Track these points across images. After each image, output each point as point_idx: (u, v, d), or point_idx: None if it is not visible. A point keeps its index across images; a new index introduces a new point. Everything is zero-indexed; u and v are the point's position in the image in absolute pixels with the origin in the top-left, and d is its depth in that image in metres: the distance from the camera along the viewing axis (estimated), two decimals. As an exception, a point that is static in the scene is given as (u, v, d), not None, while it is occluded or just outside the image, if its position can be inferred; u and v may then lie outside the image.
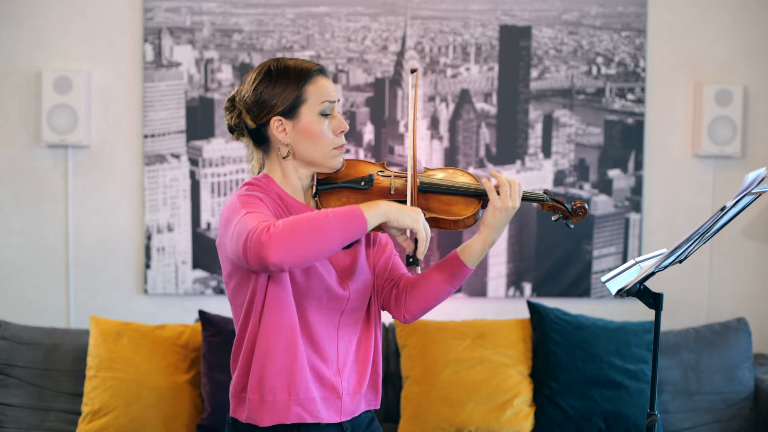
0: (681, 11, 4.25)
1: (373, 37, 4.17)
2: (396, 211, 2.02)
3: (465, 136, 4.21)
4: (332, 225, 1.94)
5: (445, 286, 2.24)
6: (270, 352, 2.12)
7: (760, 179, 2.11)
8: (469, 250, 2.21)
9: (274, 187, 2.19)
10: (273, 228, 1.93)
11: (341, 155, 2.20)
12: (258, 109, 2.16)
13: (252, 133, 2.20)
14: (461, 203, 2.21)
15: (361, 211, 1.98)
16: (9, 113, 4.10)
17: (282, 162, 2.20)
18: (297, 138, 2.16)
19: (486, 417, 3.73)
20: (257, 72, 2.18)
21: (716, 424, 3.86)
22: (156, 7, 4.10)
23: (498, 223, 2.18)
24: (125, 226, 4.15)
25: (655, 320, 2.30)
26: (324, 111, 2.16)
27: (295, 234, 1.92)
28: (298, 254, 1.93)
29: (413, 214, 2.04)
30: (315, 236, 1.93)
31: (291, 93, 2.14)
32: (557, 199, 2.28)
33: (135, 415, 3.63)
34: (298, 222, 1.94)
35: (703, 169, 4.28)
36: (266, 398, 2.12)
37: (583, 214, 2.29)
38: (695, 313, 4.31)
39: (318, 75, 2.17)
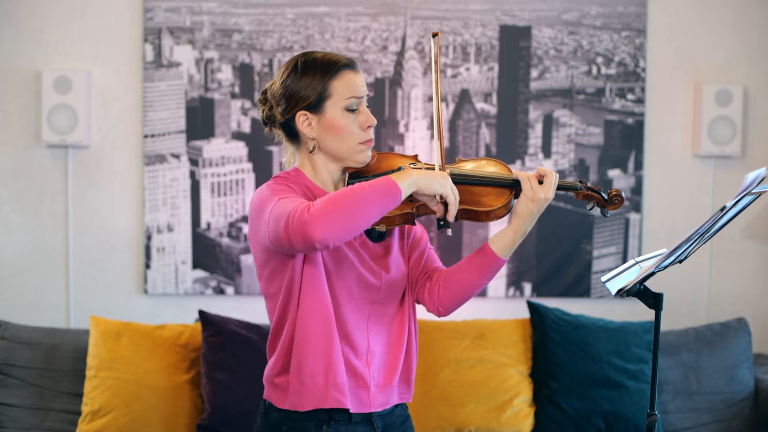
0: (681, 11, 4.25)
1: (373, 37, 4.17)
2: (425, 178, 2.04)
3: (465, 136, 4.21)
4: (370, 196, 1.96)
5: (478, 278, 2.22)
6: (307, 336, 2.13)
7: (760, 179, 2.11)
8: (500, 242, 2.20)
9: (303, 180, 2.20)
10: (313, 207, 1.94)
11: (368, 150, 2.19)
12: (285, 103, 2.17)
13: (283, 126, 2.21)
14: (493, 194, 2.19)
15: (394, 181, 1.99)
16: (9, 113, 4.10)
17: (311, 156, 2.20)
18: (322, 132, 2.16)
19: (486, 417, 3.73)
20: (287, 65, 2.19)
21: (716, 424, 3.86)
22: (156, 7, 4.10)
23: (529, 214, 2.16)
24: (125, 226, 4.15)
25: (655, 320, 2.30)
26: (349, 106, 2.15)
27: (336, 209, 1.94)
28: (341, 228, 1.95)
29: (441, 180, 2.05)
30: (355, 209, 1.94)
31: (316, 88, 2.14)
32: (592, 187, 2.26)
33: (135, 415, 3.63)
34: (336, 197, 1.95)
35: (703, 169, 4.28)
36: (305, 382, 2.14)
37: (619, 203, 2.25)
38: (695, 313, 4.31)
39: (345, 69, 2.16)
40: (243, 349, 3.68)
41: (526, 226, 2.17)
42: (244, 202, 4.15)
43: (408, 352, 2.27)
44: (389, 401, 2.25)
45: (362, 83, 2.18)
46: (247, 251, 4.16)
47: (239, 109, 4.14)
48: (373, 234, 2.22)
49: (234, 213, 4.16)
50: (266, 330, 3.76)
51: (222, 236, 4.16)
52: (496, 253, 2.19)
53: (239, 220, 4.16)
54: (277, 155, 4.15)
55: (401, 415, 2.30)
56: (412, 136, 4.19)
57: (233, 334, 3.69)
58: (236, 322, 3.76)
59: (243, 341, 3.69)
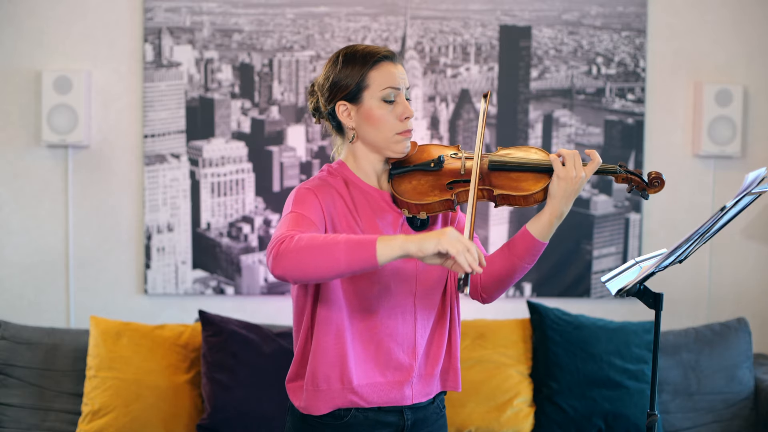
0: (681, 11, 4.25)
1: (373, 37, 4.17)
2: (416, 242, 1.93)
3: (465, 136, 4.21)
4: (341, 252, 1.94)
5: (519, 263, 2.24)
6: (321, 345, 2.16)
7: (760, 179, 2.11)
8: (537, 224, 2.21)
9: (346, 173, 2.23)
10: (289, 241, 1.96)
11: (406, 140, 2.22)
12: (328, 93, 2.22)
13: (328, 117, 2.25)
14: (531, 179, 2.21)
15: (375, 245, 1.94)
16: (9, 113, 4.10)
17: (352, 147, 2.24)
18: (360, 122, 2.20)
19: (486, 417, 3.73)
20: (331, 57, 2.25)
21: (716, 424, 3.86)
22: (156, 7, 4.10)
23: (563, 193, 2.17)
24: (125, 226, 4.15)
25: (655, 320, 2.30)
26: (386, 97, 2.18)
27: (304, 253, 1.95)
28: (300, 272, 1.96)
29: (434, 237, 1.93)
30: (321, 258, 1.94)
31: (354, 78, 2.18)
32: (632, 171, 2.27)
33: (135, 415, 3.63)
34: (313, 241, 1.96)
35: (703, 169, 4.28)
36: (320, 387, 2.17)
37: (659, 185, 2.26)
38: (695, 313, 4.31)
39: (384, 61, 2.19)
40: (243, 349, 3.68)
41: (562, 207, 2.18)
42: (244, 202, 4.15)
43: (451, 340, 2.29)
44: (432, 391, 2.27)
45: (402, 75, 2.21)
46: (247, 251, 4.16)
47: (239, 109, 4.14)
48: (416, 222, 2.25)
49: (234, 213, 4.16)
50: (266, 330, 3.76)
51: (222, 236, 4.16)
52: (534, 235, 2.21)
53: (239, 220, 4.16)
54: (276, 155, 4.15)
55: (436, 412, 2.31)
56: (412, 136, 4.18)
57: (233, 334, 3.69)
58: (236, 322, 3.76)
59: (243, 341, 3.69)
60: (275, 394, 3.60)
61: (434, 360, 2.26)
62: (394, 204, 2.23)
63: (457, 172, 2.23)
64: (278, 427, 3.58)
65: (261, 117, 4.15)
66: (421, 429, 2.27)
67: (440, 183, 2.22)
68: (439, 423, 2.32)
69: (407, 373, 2.21)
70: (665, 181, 2.27)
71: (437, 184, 2.22)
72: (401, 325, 2.21)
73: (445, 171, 2.24)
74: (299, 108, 4.16)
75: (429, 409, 2.28)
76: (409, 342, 2.22)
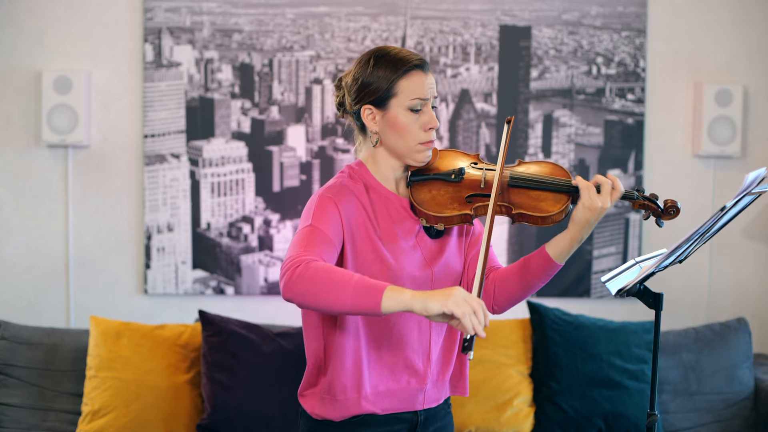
0: (681, 11, 4.25)
1: (373, 37, 4.17)
2: (422, 301, 1.91)
3: (465, 136, 4.21)
4: (348, 293, 1.94)
5: (534, 281, 2.25)
6: (338, 355, 2.17)
7: (760, 179, 2.11)
8: (557, 247, 2.22)
9: (366, 175, 2.23)
10: (302, 267, 1.97)
11: (428, 151, 2.22)
12: (355, 95, 2.21)
13: (353, 115, 2.25)
14: (550, 199, 2.22)
15: (382, 294, 1.92)
16: (9, 113, 4.10)
17: (374, 150, 2.24)
18: (385, 129, 2.20)
19: (486, 417, 3.73)
20: (362, 57, 2.23)
21: (716, 424, 3.86)
22: (156, 7, 4.10)
23: (586, 221, 2.17)
24: (125, 226, 4.15)
25: (655, 320, 2.30)
26: (413, 107, 2.17)
27: (314, 284, 1.95)
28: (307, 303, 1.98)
29: (441, 298, 1.91)
30: (329, 295, 1.95)
31: (383, 85, 2.17)
32: (649, 197, 2.27)
33: (135, 415, 3.63)
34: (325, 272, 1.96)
35: (703, 169, 4.28)
36: (338, 397, 2.18)
37: (675, 213, 2.27)
38: (695, 313, 4.31)
39: (414, 70, 2.18)
40: (243, 349, 3.68)
41: (583, 234, 2.19)
42: (244, 202, 4.15)
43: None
44: (441, 396, 2.30)
45: (431, 85, 2.20)
46: (247, 251, 4.16)
47: (239, 109, 4.14)
48: (432, 231, 2.25)
49: (234, 213, 4.16)
50: (266, 330, 3.76)
51: (222, 236, 4.16)
52: (551, 257, 2.22)
53: (239, 220, 4.16)
54: (277, 155, 4.15)
55: (444, 408, 2.34)
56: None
57: (233, 334, 3.69)
58: (236, 322, 3.76)
59: (243, 341, 3.69)
60: (275, 394, 3.60)
61: (446, 366, 2.29)
62: (411, 211, 2.24)
63: (477, 185, 2.23)
64: (278, 427, 3.58)
65: (261, 117, 4.15)
66: (432, 425, 2.30)
67: (460, 195, 2.22)
68: (447, 419, 2.36)
69: (422, 380, 2.23)
70: (680, 209, 2.27)
71: (457, 196, 2.22)
72: (416, 332, 2.22)
73: (465, 183, 2.24)
74: (299, 108, 4.16)
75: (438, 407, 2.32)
76: (424, 348, 2.23)
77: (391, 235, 2.19)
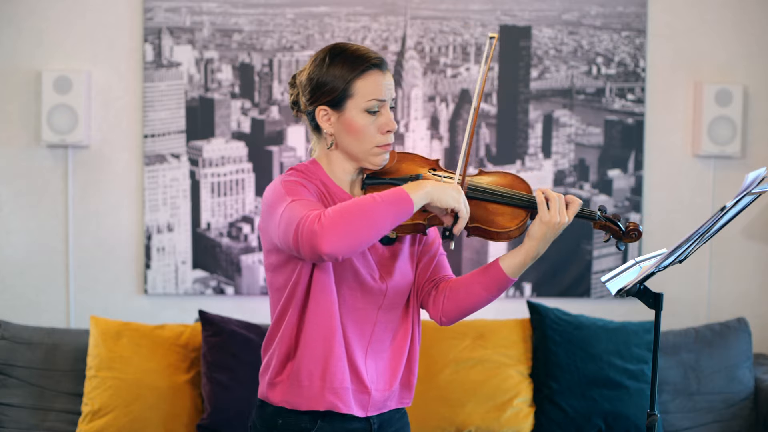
0: (681, 11, 4.25)
1: (373, 37, 4.17)
2: (439, 192, 2.00)
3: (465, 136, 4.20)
4: (381, 209, 1.92)
5: (484, 294, 2.19)
6: (309, 338, 2.11)
7: (760, 179, 2.11)
8: (511, 261, 2.16)
9: (320, 173, 2.16)
10: (324, 217, 1.91)
11: (385, 154, 2.14)
12: (309, 94, 2.13)
13: (307, 115, 2.18)
14: (508, 214, 2.15)
15: (406, 193, 1.96)
16: (9, 113, 4.10)
17: (329, 152, 2.17)
18: (340, 131, 2.12)
19: (486, 417, 3.73)
20: (317, 54, 2.15)
21: (716, 424, 3.86)
22: (156, 7, 4.10)
23: (543, 237, 2.12)
24: (125, 226, 4.15)
25: (655, 320, 2.30)
26: (371, 109, 2.10)
27: (347, 222, 1.90)
28: (351, 242, 1.91)
29: (455, 194, 2.02)
30: (366, 222, 1.91)
31: (338, 85, 2.09)
32: (610, 218, 2.21)
33: (135, 415, 3.63)
34: (347, 209, 1.92)
35: (703, 169, 4.28)
36: (303, 383, 2.12)
37: (636, 237, 2.20)
38: (695, 313, 4.31)
39: (372, 69, 2.10)
40: (243, 349, 3.68)
41: (539, 249, 2.14)
42: (244, 202, 4.15)
43: (410, 356, 2.25)
44: (386, 405, 2.23)
45: (389, 85, 2.12)
46: (247, 251, 4.16)
47: (239, 109, 4.14)
48: (383, 238, 2.18)
49: (234, 213, 4.16)
50: (266, 330, 3.75)
51: (222, 236, 4.16)
52: (505, 272, 2.16)
53: (239, 220, 4.16)
54: (276, 155, 4.15)
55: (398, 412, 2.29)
56: (412, 136, 4.19)
57: (233, 334, 3.69)
58: (236, 322, 3.76)
59: (243, 341, 3.69)
60: (275, 394, 3.60)
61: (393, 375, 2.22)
62: None
63: None
64: (278, 427, 3.58)
65: (261, 117, 4.15)
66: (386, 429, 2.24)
67: None
68: (403, 421, 2.29)
69: (365, 386, 2.17)
70: (642, 233, 2.21)
71: None
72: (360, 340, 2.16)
73: None
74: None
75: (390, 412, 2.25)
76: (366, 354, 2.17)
77: None
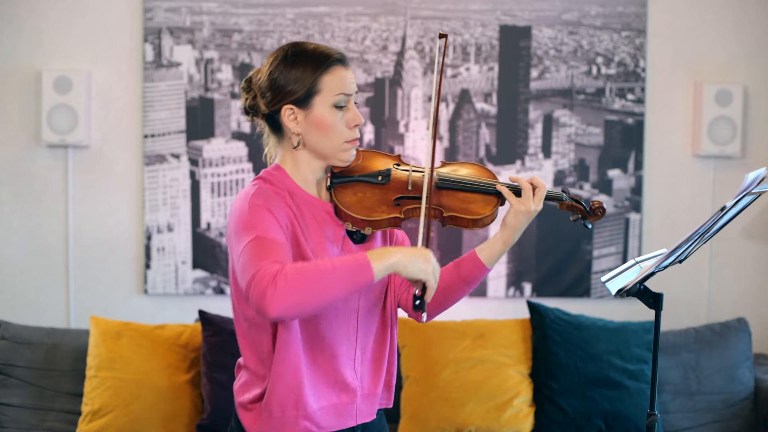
0: (681, 11, 4.25)
1: (373, 37, 4.17)
2: (406, 262, 1.94)
3: (465, 136, 4.21)
4: (339, 278, 1.88)
5: (462, 286, 2.20)
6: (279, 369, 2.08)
7: (760, 179, 2.11)
8: (488, 251, 2.17)
9: (285, 180, 2.12)
10: (279, 279, 1.86)
11: (353, 149, 2.13)
12: (272, 95, 2.09)
13: (266, 118, 2.14)
14: (480, 201, 2.17)
15: (368, 262, 1.91)
16: (9, 113, 4.10)
17: (294, 152, 2.13)
18: (308, 129, 2.09)
19: (486, 417, 3.73)
20: (276, 55, 2.11)
21: (716, 424, 3.86)
22: (156, 7, 4.10)
23: (519, 225, 2.15)
24: (125, 226, 4.15)
25: (655, 320, 2.30)
26: (338, 103, 2.08)
27: (301, 289, 1.86)
28: (300, 310, 1.89)
29: (423, 265, 1.95)
30: (320, 291, 1.88)
31: (305, 82, 2.06)
32: (576, 198, 2.25)
33: (135, 415, 3.63)
34: (304, 274, 1.88)
35: (703, 169, 4.28)
36: (275, 414, 2.09)
37: (601, 214, 2.25)
38: (695, 313, 4.31)
39: (336, 65, 2.08)
40: (243, 349, 3.67)
41: (516, 237, 2.17)
42: (244, 202, 4.15)
43: (390, 357, 2.24)
44: (374, 410, 2.22)
45: (352, 80, 2.10)
46: (247, 251, 4.15)
47: (239, 109, 4.14)
48: (356, 235, 2.17)
49: (234, 213, 4.15)
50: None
51: (222, 236, 4.16)
52: (484, 262, 2.18)
53: (239, 220, 4.16)
54: (277, 155, 4.15)
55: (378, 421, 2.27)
56: (412, 136, 4.19)
57: (233, 334, 3.69)
58: (236, 322, 3.76)
59: (243, 341, 3.69)
60: (275, 394, 3.60)
61: (376, 378, 2.21)
62: (335, 215, 2.13)
63: (404, 187, 2.14)
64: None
65: (261, 117, 4.14)
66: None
67: (387, 198, 2.13)
68: (382, 423, 2.28)
69: (353, 394, 2.15)
70: (606, 210, 2.27)
71: (384, 198, 2.13)
72: (346, 345, 2.14)
73: (392, 185, 2.15)
74: (299, 108, 4.16)
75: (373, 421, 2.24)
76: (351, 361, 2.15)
77: (320, 244, 2.09)
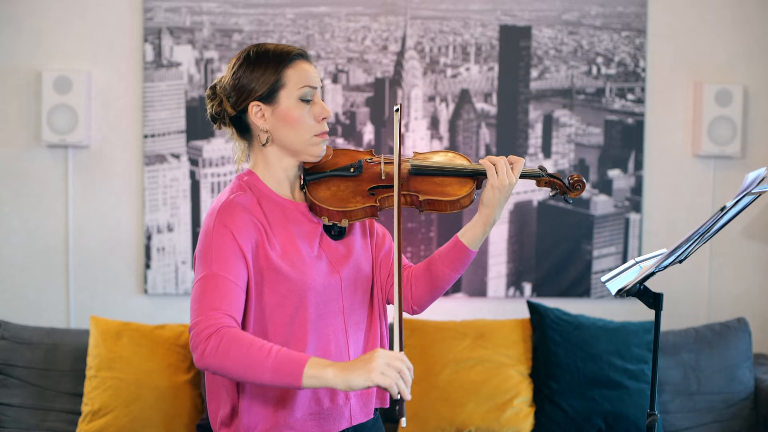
0: (681, 11, 4.25)
1: (373, 37, 4.17)
2: (343, 378, 1.85)
3: (465, 136, 4.21)
4: (267, 366, 1.88)
5: (449, 272, 2.19)
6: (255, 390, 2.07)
7: (760, 179, 2.11)
8: (470, 233, 2.17)
9: (257, 184, 2.12)
10: (214, 338, 1.90)
11: (324, 143, 2.14)
12: (237, 95, 2.10)
13: (233, 121, 2.14)
14: (455, 183, 2.17)
15: (301, 371, 1.86)
16: (9, 113, 4.10)
17: (264, 151, 2.13)
18: (276, 124, 2.09)
19: (486, 417, 3.73)
20: (237, 57, 2.14)
21: (716, 424, 3.86)
22: (156, 7, 4.10)
23: (497, 202, 2.13)
24: (125, 226, 4.15)
25: (655, 320, 2.30)
26: (304, 96, 2.09)
27: (228, 357, 1.89)
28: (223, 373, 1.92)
29: (363, 373, 1.85)
30: (244, 367, 1.89)
31: (269, 77, 2.08)
32: (554, 174, 2.24)
33: (135, 415, 3.63)
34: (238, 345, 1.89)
35: (703, 169, 4.28)
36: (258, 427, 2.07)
37: (581, 188, 2.24)
38: (695, 313, 4.31)
39: (299, 59, 2.10)
40: (243, 349, 3.67)
41: (495, 215, 2.15)
42: (244, 202, 4.15)
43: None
44: (369, 410, 2.19)
45: (316, 74, 2.12)
46: (247, 251, 4.15)
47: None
48: (334, 230, 2.16)
49: (234, 213, 4.15)
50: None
51: (222, 236, 4.15)
52: (467, 246, 2.17)
53: (239, 220, 4.16)
54: (277, 155, 4.15)
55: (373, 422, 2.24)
56: (412, 136, 4.19)
57: (233, 334, 3.69)
58: (236, 322, 3.76)
59: (243, 341, 3.69)
60: (275, 394, 3.60)
61: None
62: (310, 213, 2.13)
63: (378, 177, 2.16)
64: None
65: (261, 117, 4.14)
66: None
67: (361, 189, 2.14)
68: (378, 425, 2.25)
69: (345, 395, 2.13)
70: (586, 183, 2.26)
71: (358, 189, 2.14)
72: (334, 346, 2.11)
73: (365, 176, 2.16)
74: (299, 108, 4.16)
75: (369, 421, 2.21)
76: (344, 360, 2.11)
77: (292, 247, 2.07)
